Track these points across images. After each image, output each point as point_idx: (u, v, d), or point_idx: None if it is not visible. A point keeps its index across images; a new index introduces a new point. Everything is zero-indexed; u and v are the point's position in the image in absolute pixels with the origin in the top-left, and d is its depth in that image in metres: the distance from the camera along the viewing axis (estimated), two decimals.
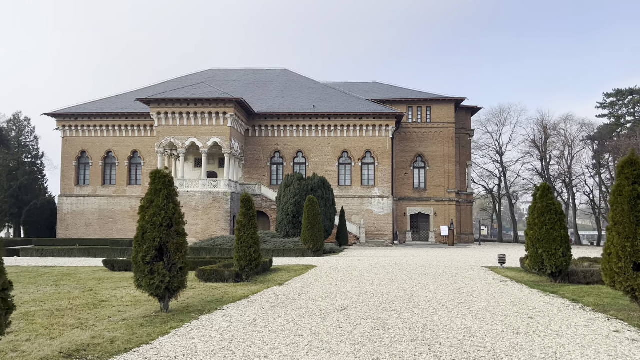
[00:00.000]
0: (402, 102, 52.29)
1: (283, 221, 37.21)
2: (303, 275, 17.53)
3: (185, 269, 9.96)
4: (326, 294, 12.49)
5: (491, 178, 73.55)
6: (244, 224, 15.68)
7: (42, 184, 59.59)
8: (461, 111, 55.56)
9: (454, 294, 12.41)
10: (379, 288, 13.62)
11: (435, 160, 51.69)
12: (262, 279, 16.41)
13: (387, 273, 18.15)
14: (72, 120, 50.56)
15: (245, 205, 15.77)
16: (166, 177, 9.91)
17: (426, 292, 12.87)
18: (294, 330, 7.86)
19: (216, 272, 15.87)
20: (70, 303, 11.24)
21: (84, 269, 20.55)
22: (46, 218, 51.52)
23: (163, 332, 7.86)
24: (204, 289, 13.84)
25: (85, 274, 18.43)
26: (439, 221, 50.64)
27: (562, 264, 14.70)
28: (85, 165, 51.21)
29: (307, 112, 48.46)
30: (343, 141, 48.88)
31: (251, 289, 13.48)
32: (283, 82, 56.56)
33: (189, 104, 43.71)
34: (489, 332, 7.83)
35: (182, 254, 9.82)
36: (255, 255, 15.59)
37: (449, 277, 16.71)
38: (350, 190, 48.41)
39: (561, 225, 14.89)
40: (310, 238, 29.13)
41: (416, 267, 21.05)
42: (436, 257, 27.96)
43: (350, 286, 14.08)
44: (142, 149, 50.51)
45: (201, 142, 43.59)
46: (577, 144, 64.45)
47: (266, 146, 49.54)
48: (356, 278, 16.39)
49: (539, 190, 15.39)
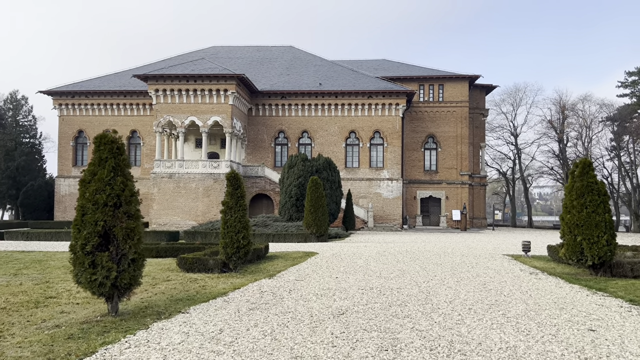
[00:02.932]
0: (413, 79, 49.56)
1: (286, 204, 35.06)
2: (300, 264, 15.35)
3: (139, 261, 7.78)
4: (323, 290, 10.29)
5: (504, 161, 70.83)
6: (231, 206, 13.48)
7: (41, 165, 57.89)
8: (475, 90, 52.71)
9: (480, 292, 10.14)
10: (387, 282, 11.40)
11: (447, 141, 49.08)
12: (253, 269, 14.28)
13: (397, 262, 15.91)
14: (69, 99, 48.48)
15: (232, 183, 13.55)
16: (114, 142, 7.69)
17: (445, 288, 10.61)
18: (268, 352, 5.66)
19: (199, 260, 13.71)
20: (8, 300, 9.16)
21: (61, 254, 18.55)
22: (44, 200, 49.84)
23: (88, 351, 5.71)
24: (181, 281, 11.72)
25: (58, 261, 16.42)
26: (450, 205, 48.24)
27: (606, 253, 12.38)
28: (83, 145, 49.26)
29: (313, 90, 45.95)
30: (350, 121, 46.38)
31: (235, 282, 11.33)
32: (288, 59, 53.94)
33: (189, 81, 41.37)
34: (543, 356, 5.58)
35: (135, 242, 7.64)
36: (244, 242, 13.41)
37: (469, 268, 14.43)
38: (357, 172, 46.07)
39: (604, 208, 12.53)
40: (314, 222, 26.94)
41: (429, 255, 18.79)
42: (450, 244, 25.68)
43: (353, 279, 11.88)
44: (141, 128, 48.40)
45: (201, 120, 41.35)
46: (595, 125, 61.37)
47: (270, 126, 47.19)
48: (361, 269, 14.19)
49: (578, 167, 13.00)
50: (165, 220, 40.84)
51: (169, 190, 41.02)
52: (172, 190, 41.01)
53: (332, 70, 50.37)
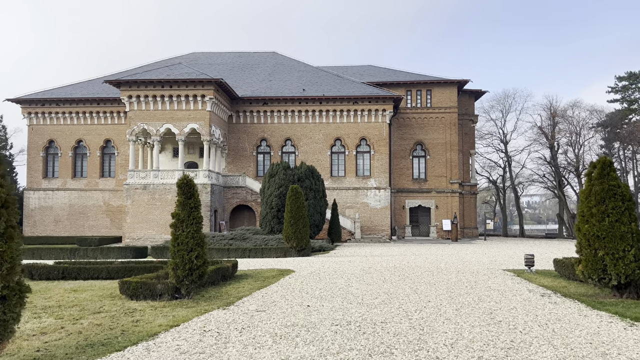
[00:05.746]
0: (400, 85, 47.70)
1: (267, 216, 32.74)
2: (270, 286, 13.03)
3: (12, 299, 5.46)
4: (286, 326, 8.01)
5: (494, 168, 69.20)
6: (182, 219, 11.17)
7: (10, 177, 54.98)
8: (464, 95, 51.00)
9: (488, 326, 7.94)
10: (370, 313, 9.15)
11: (436, 148, 47.16)
12: (213, 293, 11.96)
13: (384, 282, 13.67)
14: (39, 107, 45.86)
15: (183, 192, 11.26)
16: None
17: (443, 321, 8.39)
18: None
19: (144, 285, 11.32)
20: None
21: None
22: None
23: None
24: (114, 313, 9.37)
25: None
26: (440, 214, 46.19)
27: (634, 271, 10.25)
28: (54, 156, 46.56)
29: (296, 96, 43.84)
30: (336, 128, 44.32)
31: (177, 316, 9.00)
32: (271, 65, 51.87)
33: (164, 86, 39.07)
34: None
35: (5, 272, 5.33)
36: (198, 262, 11.09)
37: (468, 289, 12.23)
38: (344, 181, 43.91)
39: (630, 217, 10.44)
40: (294, 235, 24.64)
41: (421, 271, 16.57)
42: (442, 256, 23.51)
43: (327, 308, 9.60)
44: (115, 137, 45.85)
45: (177, 128, 39.00)
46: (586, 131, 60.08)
47: (252, 134, 44.94)
48: (340, 292, 11.93)
49: (596, 167, 10.92)
50: (139, 234, 38.28)
51: (143, 202, 38.52)
52: (146, 202, 38.50)
53: (317, 76, 48.39)
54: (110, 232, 44.48)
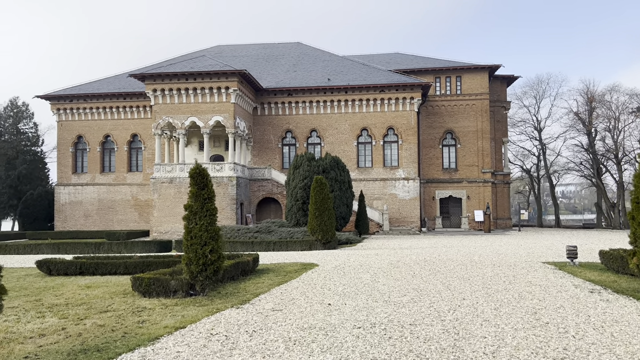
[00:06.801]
0: (428, 72, 46.15)
1: (292, 208, 32.05)
2: (291, 282, 12.24)
3: None
4: (302, 329, 7.18)
5: (528, 157, 66.71)
6: (195, 210, 10.46)
7: (43, 173, 55.90)
8: (495, 81, 49.04)
9: (534, 329, 6.92)
10: (397, 313, 8.24)
11: (467, 136, 45.51)
12: (230, 290, 11.24)
13: (413, 277, 12.71)
14: (67, 103, 46.27)
15: (196, 182, 10.54)
16: None
17: (481, 322, 7.41)
18: None
19: (158, 281, 10.69)
20: None
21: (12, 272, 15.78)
22: (44, 209, 47.72)
23: None
24: (121, 312, 8.74)
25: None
26: (472, 205, 44.63)
27: None
28: (83, 151, 46.98)
29: (321, 86, 42.88)
30: (362, 117, 43.20)
31: (186, 316, 8.28)
32: (296, 55, 51.02)
33: (188, 79, 38.72)
34: None
35: None
36: (213, 257, 10.37)
37: (506, 285, 11.16)
38: (371, 172, 42.82)
39: None
40: (319, 227, 23.84)
41: (453, 265, 15.51)
42: (475, 249, 22.31)
43: (350, 307, 8.74)
44: (142, 132, 45.89)
45: (202, 121, 38.63)
46: (626, 116, 57.07)
47: (277, 126, 44.27)
48: (365, 288, 11.04)
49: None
50: (166, 227, 38.19)
51: (169, 195, 38.37)
52: (172, 196, 38.33)
53: (342, 65, 47.30)
54: (139, 226, 44.68)
